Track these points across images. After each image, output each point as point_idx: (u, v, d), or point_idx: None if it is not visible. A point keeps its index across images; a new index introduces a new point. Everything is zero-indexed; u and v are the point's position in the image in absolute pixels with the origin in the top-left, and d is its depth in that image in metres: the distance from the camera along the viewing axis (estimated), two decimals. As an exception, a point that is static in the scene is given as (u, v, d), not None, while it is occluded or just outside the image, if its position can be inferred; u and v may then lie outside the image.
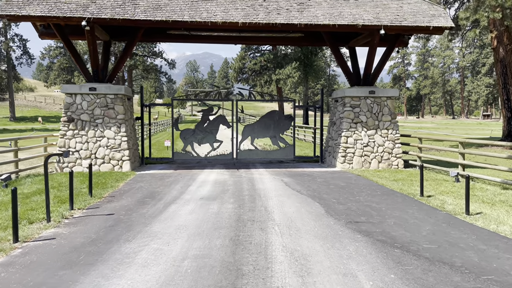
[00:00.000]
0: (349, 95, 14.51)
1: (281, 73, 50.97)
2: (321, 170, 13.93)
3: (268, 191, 9.37)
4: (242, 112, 16.03)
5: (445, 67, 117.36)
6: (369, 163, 14.45)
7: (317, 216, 7.04)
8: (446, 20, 13.94)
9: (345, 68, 15.24)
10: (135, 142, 14.85)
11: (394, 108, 14.81)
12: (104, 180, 10.95)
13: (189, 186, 10.15)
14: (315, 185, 10.40)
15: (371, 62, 14.66)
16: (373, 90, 14.57)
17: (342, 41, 15.96)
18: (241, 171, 13.45)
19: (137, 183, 10.64)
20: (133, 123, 14.94)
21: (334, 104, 15.81)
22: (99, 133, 13.33)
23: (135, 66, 60.65)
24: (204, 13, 12.98)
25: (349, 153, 14.37)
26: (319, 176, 12.02)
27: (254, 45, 52.70)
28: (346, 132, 14.38)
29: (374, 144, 14.51)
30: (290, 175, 12.38)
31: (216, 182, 10.78)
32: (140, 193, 9.26)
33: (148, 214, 7.18)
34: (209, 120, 15.68)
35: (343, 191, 9.47)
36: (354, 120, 14.48)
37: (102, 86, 13.38)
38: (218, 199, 8.48)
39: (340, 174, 12.53)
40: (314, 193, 9.18)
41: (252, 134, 16.05)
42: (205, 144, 15.78)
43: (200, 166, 14.92)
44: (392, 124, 14.69)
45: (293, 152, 15.94)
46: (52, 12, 12.28)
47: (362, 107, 14.54)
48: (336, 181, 11.02)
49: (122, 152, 13.37)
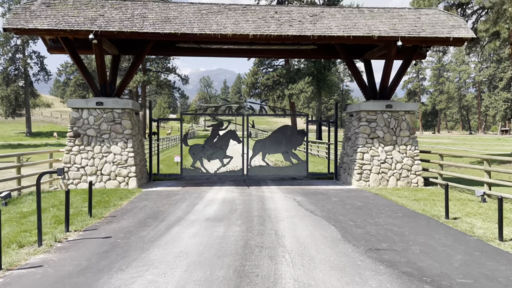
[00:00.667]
0: (365, 109, 13.86)
1: (294, 88, 50.53)
2: (336, 188, 13.21)
3: (279, 212, 8.71)
4: (253, 127, 15.50)
5: (461, 82, 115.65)
6: (386, 180, 13.68)
7: (333, 241, 6.36)
8: (466, 31, 13.29)
9: (360, 81, 14.63)
10: (142, 158, 14.40)
11: (413, 123, 14.08)
12: (107, 198, 10.45)
13: (196, 205, 9.56)
14: (330, 205, 9.71)
15: (388, 75, 14.02)
16: (390, 104, 13.90)
17: (357, 54, 15.39)
18: (252, 188, 12.83)
19: (142, 202, 10.11)
20: (141, 138, 14.52)
21: (349, 119, 15.16)
22: (106, 149, 12.91)
23: (148, 81, 61.04)
24: (214, 26, 12.60)
25: (366, 170, 13.64)
26: (334, 195, 11.32)
27: (266, 59, 52.52)
28: (362, 148, 13.69)
29: (392, 161, 13.76)
30: (303, 193, 11.70)
31: (225, 201, 10.17)
32: (143, 212, 8.71)
33: (148, 237, 6.60)
34: (219, 135, 15.17)
35: (360, 212, 8.76)
36: (371, 135, 13.79)
37: (109, 101, 13.03)
38: (225, 220, 7.87)
39: (356, 193, 11.81)
40: (329, 214, 8.49)
41: (263, 150, 15.46)
42: (215, 160, 15.24)
43: (209, 183, 14.35)
44: (411, 140, 13.95)
45: (306, 168, 15.28)
46: (59, 25, 12.04)
47: (379, 121, 13.86)
48: (352, 201, 10.30)
49: (128, 168, 12.91)
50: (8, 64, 72.10)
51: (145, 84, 62.61)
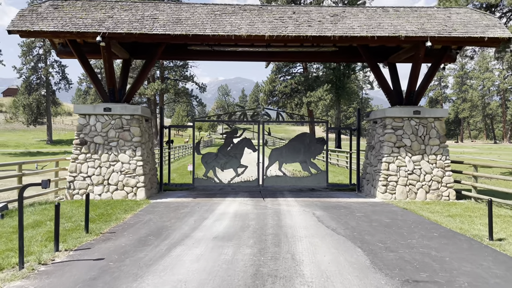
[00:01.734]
0: (391, 116, 12.80)
1: (313, 96, 49.44)
2: (359, 201, 12.15)
3: (297, 229, 7.75)
4: (269, 135, 14.60)
5: (484, 90, 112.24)
6: (414, 193, 12.53)
7: (361, 270, 5.37)
8: (502, 31, 12.14)
9: (384, 85, 13.57)
10: (153, 167, 13.66)
11: (443, 131, 12.93)
12: (111, 210, 9.68)
13: (205, 220, 8.69)
14: (354, 221, 8.68)
15: (416, 78, 12.95)
16: (418, 110, 12.80)
17: (381, 57, 14.35)
18: (267, 200, 11.89)
19: (147, 215, 9.29)
20: (151, 146, 13.80)
21: (373, 126, 14.09)
22: (113, 157, 12.22)
23: (166, 90, 61.02)
24: (227, 27, 11.83)
25: (391, 182, 12.53)
26: (357, 209, 10.27)
27: (283, 67, 51.76)
28: (387, 158, 12.60)
29: (420, 172, 12.62)
30: (323, 207, 10.70)
31: (237, 215, 9.26)
32: (146, 228, 7.87)
33: (145, 260, 5.74)
34: (233, 143, 14.33)
35: (389, 231, 7.71)
36: (397, 144, 12.70)
37: (118, 106, 12.36)
38: (235, 239, 6.95)
39: (383, 207, 10.72)
40: (354, 233, 7.48)
41: (280, 159, 14.53)
42: (229, 169, 14.38)
43: (222, 193, 13.48)
44: (441, 149, 12.79)
45: (326, 179, 14.25)
46: (65, 27, 11.48)
47: (406, 129, 12.77)
48: (379, 216, 9.24)
49: (137, 178, 12.17)
50: (30, 73, 73.54)
51: (163, 92, 62.66)
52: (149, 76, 61.87)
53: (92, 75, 13.00)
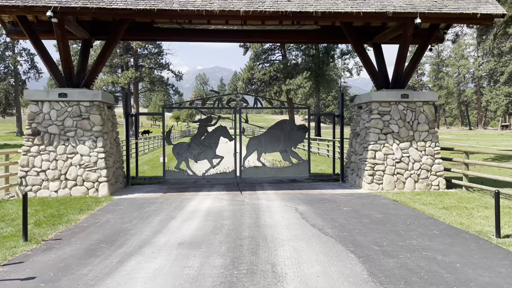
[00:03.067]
0: (377, 100, 11.84)
1: (292, 83, 48.47)
2: (345, 192, 11.20)
3: (278, 230, 6.68)
4: (246, 122, 13.45)
5: (460, 77, 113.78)
6: (403, 183, 11.67)
7: (358, 285, 4.34)
8: (495, 7, 11.28)
9: (370, 67, 12.58)
10: (118, 159, 12.34)
11: (432, 116, 12.07)
12: (64, 210, 8.40)
13: (172, 220, 7.52)
14: (342, 217, 7.68)
15: (403, 59, 12.00)
16: (406, 94, 11.88)
17: (365, 37, 13.32)
18: (245, 194, 10.80)
19: (106, 215, 8.05)
20: (116, 136, 12.46)
21: (357, 112, 13.13)
22: (71, 149, 10.85)
23: (141, 78, 58.87)
24: (198, 1, 10.54)
25: (378, 171, 11.63)
26: (344, 203, 9.29)
27: (261, 49, 50.41)
28: (373, 145, 11.67)
29: (408, 160, 11.75)
30: (306, 200, 9.68)
31: (209, 213, 8.13)
32: (99, 232, 6.66)
33: (87, 279, 4.56)
34: (207, 132, 13.13)
35: (383, 229, 6.74)
36: (383, 130, 11.77)
37: (75, 92, 10.95)
38: (204, 245, 5.83)
39: (371, 199, 9.78)
40: (344, 233, 6.47)
41: (259, 148, 13.43)
42: (203, 160, 13.19)
43: (196, 187, 12.32)
44: (430, 135, 11.94)
45: (308, 169, 13.25)
46: (11, 1, 9.96)
47: (393, 114, 11.85)
48: (369, 211, 8.28)
49: (98, 172, 10.85)
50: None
51: (138, 81, 60.47)
52: (123, 64, 59.56)
53: (45, 56, 11.50)
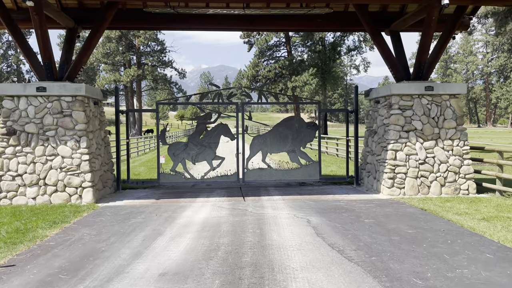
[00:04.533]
0: (397, 93, 10.44)
1: (298, 80, 47.01)
2: (362, 198, 9.82)
3: (287, 253, 5.33)
4: (250, 119, 12.10)
5: (468, 74, 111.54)
6: (427, 187, 10.28)
7: None
8: (533, -14, 9.84)
9: (388, 56, 11.18)
10: (107, 161, 11.06)
11: (460, 111, 10.66)
12: (34, 223, 7.10)
13: (158, 237, 6.20)
14: (365, 232, 6.32)
15: (426, 47, 10.60)
16: (430, 86, 10.47)
17: (382, 24, 11.89)
18: (248, 201, 9.46)
19: (81, 230, 6.75)
20: (104, 135, 11.16)
21: (374, 107, 11.73)
22: (51, 150, 9.57)
23: (143, 76, 57.69)
24: (193, -19, 9.22)
25: (399, 174, 10.24)
26: (364, 212, 7.91)
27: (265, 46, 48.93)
28: (394, 145, 10.28)
29: (434, 161, 10.35)
30: (319, 209, 8.31)
31: (205, 227, 6.80)
32: (65, 255, 5.35)
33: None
34: (207, 131, 11.80)
35: (421, 251, 5.36)
36: (405, 127, 10.38)
37: (55, 85, 9.66)
38: (192, 278, 4.48)
39: (395, 208, 8.39)
40: (372, 257, 5.11)
41: (264, 148, 12.07)
42: (202, 161, 11.86)
43: (194, 192, 11.00)
44: (458, 133, 10.53)
45: (318, 171, 11.87)
46: (-21, -19, 8.69)
47: (416, 109, 10.44)
48: (396, 223, 6.90)
49: (82, 176, 9.56)
50: (0, 60, 69.36)
51: (140, 79, 59.31)
52: (125, 62, 58.45)
53: (24, 47, 10.26)
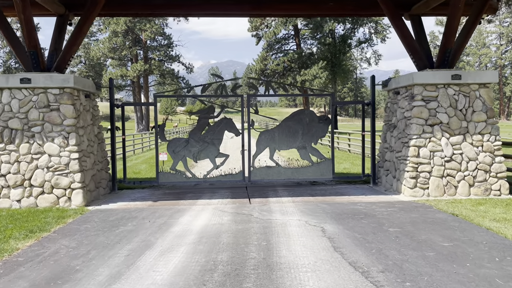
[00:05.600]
0: (421, 82, 9.34)
1: (307, 74, 45.80)
2: (381, 200, 8.79)
3: (299, 276, 4.34)
4: (256, 113, 11.10)
5: (481, 66, 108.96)
6: (454, 187, 9.19)
7: None
8: None
9: (409, 42, 10.06)
10: (100, 159, 10.15)
11: (491, 102, 9.53)
12: (9, 231, 6.22)
13: (146, 251, 5.26)
14: (391, 245, 5.31)
15: (453, 31, 9.47)
16: (457, 74, 9.35)
17: (401, 7, 10.77)
18: (254, 203, 8.49)
19: (60, 241, 5.84)
20: (97, 131, 10.26)
21: (393, 98, 10.63)
22: (37, 148, 8.69)
23: (150, 71, 56.93)
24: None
25: (423, 173, 9.17)
26: (386, 218, 6.88)
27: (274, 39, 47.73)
28: (416, 140, 9.20)
29: (461, 158, 9.25)
30: (334, 214, 7.30)
31: (202, 238, 5.84)
32: (30, 277, 4.43)
33: None
34: (209, 126, 10.84)
35: (465, 272, 4.34)
36: (429, 120, 9.29)
37: (40, 76, 8.76)
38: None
39: (421, 213, 7.34)
40: (405, 283, 4.08)
41: (271, 144, 11.07)
42: (204, 159, 10.92)
43: (195, 193, 10.06)
44: (488, 127, 9.42)
45: (331, 169, 10.85)
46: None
47: (441, 100, 9.34)
48: (427, 233, 5.86)
49: (71, 176, 8.67)
50: (8, 56, 69.23)
51: (147, 74, 58.57)
52: (132, 57, 57.75)
53: (8, 35, 9.38)
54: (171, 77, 61.05)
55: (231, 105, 61.32)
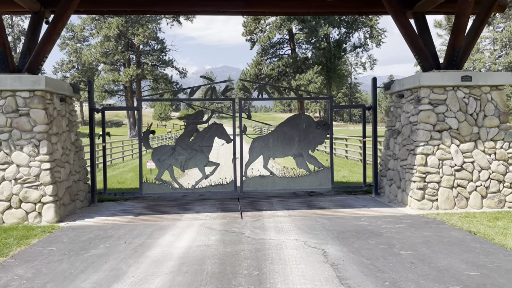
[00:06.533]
0: (428, 84, 8.55)
1: (302, 79, 45.10)
2: (386, 213, 7.95)
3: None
4: (249, 118, 10.26)
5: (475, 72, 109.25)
6: (465, 199, 8.39)
7: None
8: None
9: (414, 42, 9.28)
10: (78, 169, 9.24)
11: (504, 105, 8.76)
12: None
13: (113, 285, 4.37)
14: (408, 276, 4.47)
15: (462, 29, 8.71)
16: (468, 76, 8.59)
17: (404, 5, 10.02)
18: (246, 218, 7.62)
19: (14, 269, 4.94)
20: (75, 138, 9.36)
21: (397, 102, 9.84)
22: (3, 157, 7.78)
23: (143, 76, 55.99)
24: None
25: (431, 183, 8.35)
26: (396, 238, 6.03)
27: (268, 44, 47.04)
28: (424, 147, 8.40)
29: (473, 167, 8.46)
30: (337, 233, 6.45)
31: (183, 265, 4.97)
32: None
33: None
34: (198, 132, 9.98)
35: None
36: (437, 126, 8.49)
37: (8, 78, 7.86)
38: None
39: (434, 230, 6.50)
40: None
41: (266, 152, 10.22)
42: (193, 168, 10.05)
43: (182, 205, 9.18)
44: (501, 132, 8.64)
45: (330, 178, 10.02)
46: None
47: (450, 104, 8.56)
48: (446, 258, 5.04)
49: (41, 188, 7.76)
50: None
51: (140, 79, 57.60)
52: (124, 62, 56.82)
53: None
54: (164, 82, 60.14)
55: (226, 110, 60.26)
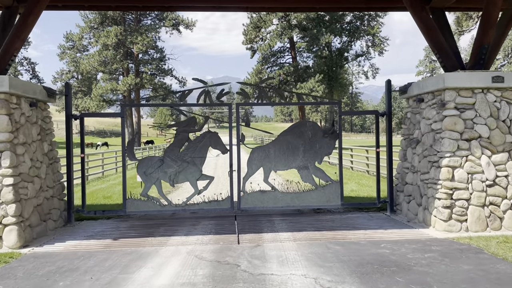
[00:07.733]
0: (453, 86, 7.40)
1: (303, 87, 44.13)
2: (409, 238, 6.74)
3: None
4: (247, 126, 9.09)
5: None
6: (499, 219, 7.19)
7: None
8: None
9: (435, 39, 8.14)
10: (52, 184, 8.06)
11: (542, 110, 7.60)
12: None
13: None
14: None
15: (491, 24, 7.60)
16: (499, 76, 7.46)
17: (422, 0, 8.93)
18: (244, 244, 6.42)
19: None
20: (48, 149, 8.20)
21: (415, 107, 8.67)
22: (-41, 171, 6.61)
23: (141, 85, 55.06)
24: None
25: (459, 200, 7.15)
26: (429, 272, 4.83)
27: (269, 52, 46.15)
28: (450, 159, 7.21)
29: (507, 182, 7.28)
30: (353, 265, 5.24)
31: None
32: None
33: None
34: (190, 141, 8.81)
35: None
36: (465, 134, 7.33)
37: (-34, 78, 6.74)
38: None
39: (474, 262, 5.29)
40: None
41: (266, 164, 9.02)
42: (183, 182, 8.87)
43: (171, 225, 7.98)
44: (539, 141, 7.46)
45: (340, 194, 8.81)
46: None
47: (480, 108, 7.41)
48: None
49: (3, 208, 6.58)
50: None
51: (139, 88, 56.67)
52: (123, 71, 56.03)
53: None
54: (163, 91, 59.24)
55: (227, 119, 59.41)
